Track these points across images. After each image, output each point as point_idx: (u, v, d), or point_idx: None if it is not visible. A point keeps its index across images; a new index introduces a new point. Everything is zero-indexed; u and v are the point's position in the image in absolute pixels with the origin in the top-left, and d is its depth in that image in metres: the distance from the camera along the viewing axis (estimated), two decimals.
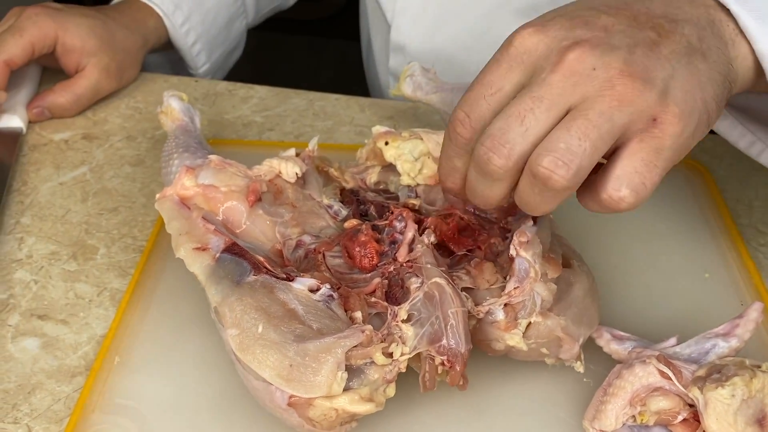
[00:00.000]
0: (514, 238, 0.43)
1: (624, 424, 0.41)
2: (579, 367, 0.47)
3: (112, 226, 0.60)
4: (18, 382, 0.48)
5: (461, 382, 0.41)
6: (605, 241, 0.57)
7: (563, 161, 0.34)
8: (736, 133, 0.48)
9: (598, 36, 0.35)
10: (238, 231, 0.47)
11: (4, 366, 0.48)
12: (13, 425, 0.45)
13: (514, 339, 0.42)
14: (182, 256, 0.44)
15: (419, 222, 0.46)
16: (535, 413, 0.45)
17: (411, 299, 0.41)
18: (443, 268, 0.43)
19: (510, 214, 0.48)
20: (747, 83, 0.39)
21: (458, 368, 0.40)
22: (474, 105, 0.37)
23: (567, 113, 0.35)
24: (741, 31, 0.38)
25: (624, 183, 0.34)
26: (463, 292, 0.43)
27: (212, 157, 0.49)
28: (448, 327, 0.40)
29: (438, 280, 0.41)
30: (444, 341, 0.40)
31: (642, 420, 0.41)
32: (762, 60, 0.38)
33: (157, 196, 0.48)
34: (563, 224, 0.51)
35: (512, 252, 0.43)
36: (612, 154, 0.35)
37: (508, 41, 0.36)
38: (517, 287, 0.42)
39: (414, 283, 0.42)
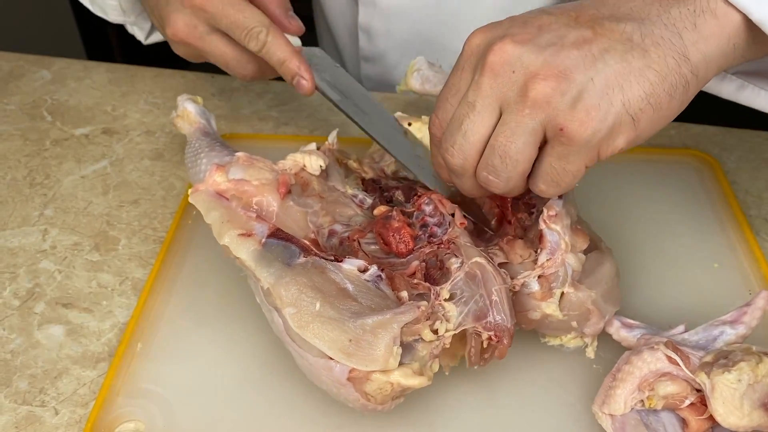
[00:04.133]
0: (543, 211, 0.45)
1: (633, 409, 0.42)
2: (590, 353, 0.48)
3: (133, 218, 0.61)
4: (45, 367, 0.49)
5: (500, 357, 0.42)
6: (616, 232, 0.58)
7: (493, 176, 0.40)
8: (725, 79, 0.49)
9: (529, 33, 0.38)
10: (271, 222, 0.48)
11: (32, 352, 0.50)
12: (41, 408, 0.47)
13: (550, 307, 0.44)
14: (227, 243, 0.45)
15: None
16: (547, 398, 0.46)
17: (452, 279, 0.42)
18: (481, 247, 0.44)
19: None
20: (730, 56, 0.39)
21: (506, 342, 0.41)
22: (441, 108, 0.42)
23: (499, 112, 0.39)
24: (710, 8, 0.37)
25: (540, 180, 0.40)
26: (502, 269, 0.44)
27: (239, 154, 0.50)
28: (493, 304, 0.42)
29: (479, 259, 0.43)
30: (490, 317, 0.41)
31: (650, 404, 0.42)
32: (762, 26, 0.37)
33: (190, 191, 0.49)
34: None
35: (542, 225, 0.44)
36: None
37: (464, 44, 0.41)
38: (550, 259, 0.44)
39: (454, 263, 0.43)
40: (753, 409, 0.39)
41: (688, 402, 0.42)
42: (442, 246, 0.44)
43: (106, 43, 2.01)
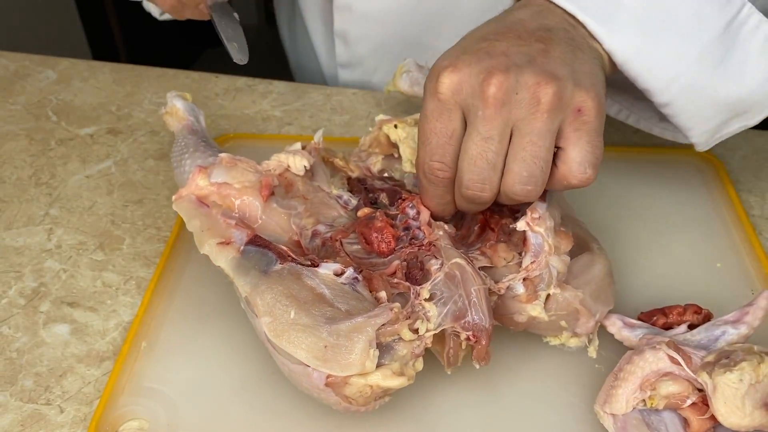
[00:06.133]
0: (527, 214, 0.45)
1: (634, 408, 0.42)
2: (591, 352, 0.48)
3: (137, 218, 0.62)
4: (50, 365, 0.50)
5: (485, 358, 0.42)
6: (619, 231, 0.58)
7: (531, 185, 0.41)
8: (607, 102, 0.55)
9: (502, 62, 0.41)
10: (255, 226, 0.48)
11: (37, 351, 0.51)
12: (46, 406, 0.47)
13: (536, 309, 0.44)
14: (207, 252, 0.46)
15: None
16: (549, 397, 0.46)
17: (432, 279, 0.42)
18: (461, 250, 0.44)
19: None
20: (608, 73, 0.46)
21: (483, 342, 0.42)
22: (442, 152, 0.43)
23: (511, 133, 0.41)
24: (590, 34, 0.45)
25: (585, 165, 0.41)
26: (482, 271, 0.44)
27: (222, 155, 0.50)
28: (472, 304, 0.42)
29: (458, 260, 0.43)
30: (468, 317, 0.42)
31: (652, 404, 0.42)
32: (613, 56, 0.45)
33: (174, 197, 0.49)
34: (577, 215, 0.52)
35: (525, 228, 0.44)
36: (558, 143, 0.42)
37: (433, 89, 0.42)
38: (534, 261, 0.44)
39: (434, 264, 0.43)
40: (755, 409, 0.40)
41: (689, 402, 0.42)
42: (423, 248, 0.45)
43: (111, 43, 2.02)
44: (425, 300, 0.42)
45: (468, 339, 0.42)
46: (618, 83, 0.50)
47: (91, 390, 0.48)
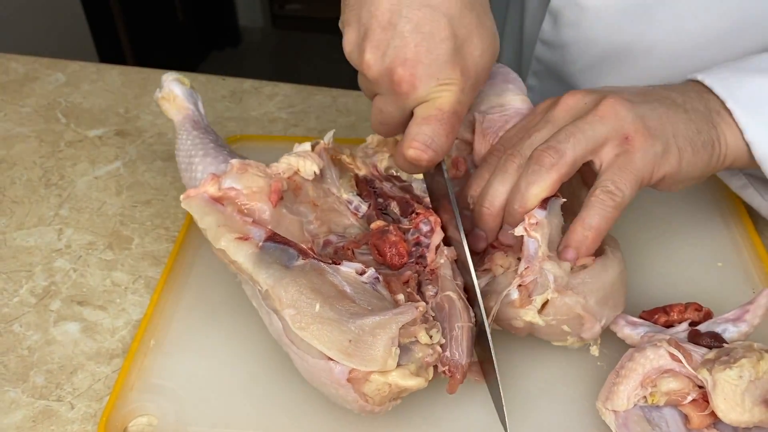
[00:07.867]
0: (525, 219, 0.45)
1: (635, 405, 0.43)
2: (594, 350, 0.49)
3: (146, 218, 0.62)
4: (61, 363, 0.50)
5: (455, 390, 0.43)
6: (622, 232, 0.58)
7: (555, 148, 0.45)
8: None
9: (598, 90, 0.48)
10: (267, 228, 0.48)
11: (48, 348, 0.51)
12: (57, 403, 0.48)
13: (529, 314, 0.44)
14: (224, 247, 0.45)
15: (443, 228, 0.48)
16: (551, 394, 0.47)
17: (428, 304, 0.43)
18: (458, 282, 0.45)
19: None
20: (745, 162, 0.49)
21: (458, 377, 0.42)
22: (508, 140, 0.51)
23: None
24: (733, 119, 0.48)
25: (609, 181, 0.45)
26: (483, 284, 0.45)
27: (233, 162, 0.50)
28: (453, 338, 0.42)
29: (451, 294, 0.43)
30: (447, 352, 0.42)
31: (653, 400, 0.43)
32: (752, 147, 0.48)
33: (182, 196, 0.49)
34: None
35: (522, 233, 0.45)
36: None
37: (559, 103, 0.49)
38: (527, 267, 0.44)
39: (430, 290, 0.44)
40: (754, 405, 0.40)
41: (690, 398, 0.42)
42: (426, 270, 0.46)
43: (118, 46, 2.03)
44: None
45: (444, 372, 0.42)
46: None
47: (101, 387, 0.49)
